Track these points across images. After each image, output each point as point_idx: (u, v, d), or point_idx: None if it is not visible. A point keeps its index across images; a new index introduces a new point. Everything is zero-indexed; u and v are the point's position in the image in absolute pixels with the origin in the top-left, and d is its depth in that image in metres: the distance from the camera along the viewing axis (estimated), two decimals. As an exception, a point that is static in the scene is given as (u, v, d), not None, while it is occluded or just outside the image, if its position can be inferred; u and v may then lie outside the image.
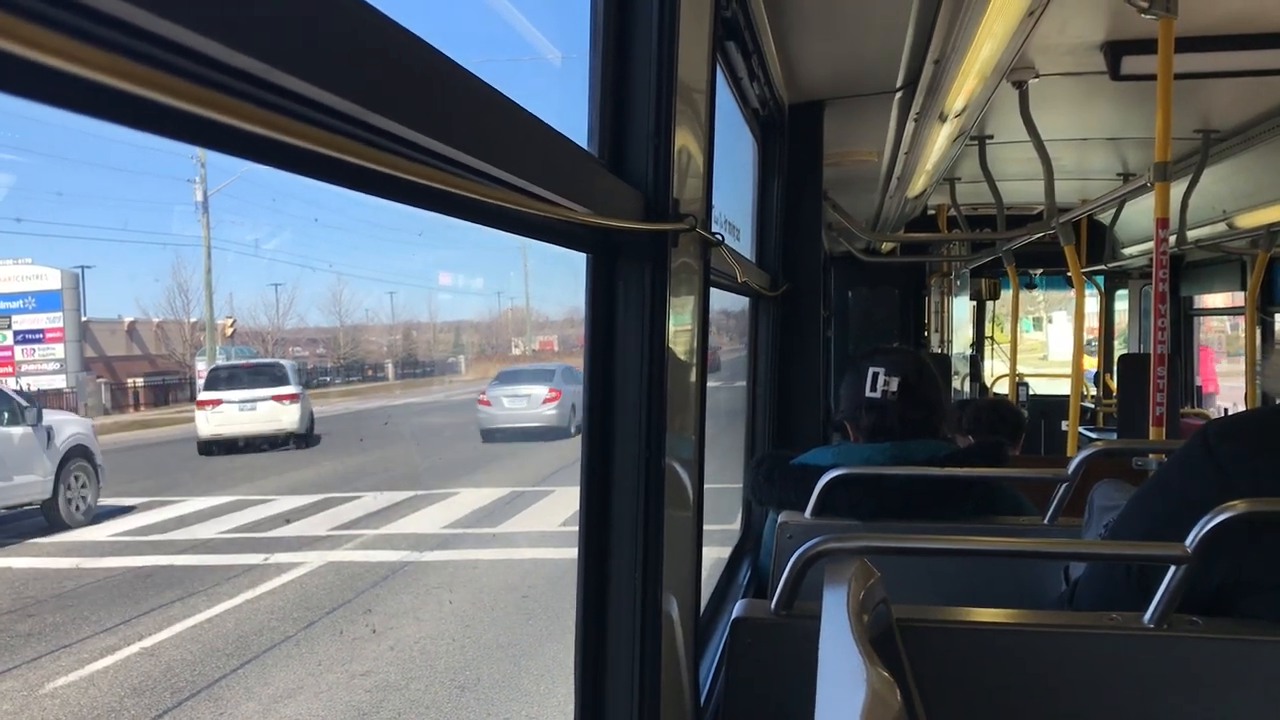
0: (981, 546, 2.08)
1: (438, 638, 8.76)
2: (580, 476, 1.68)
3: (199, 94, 0.58)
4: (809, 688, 1.17)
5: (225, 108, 0.60)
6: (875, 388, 2.80)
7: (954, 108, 3.83)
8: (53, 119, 17.48)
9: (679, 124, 1.69)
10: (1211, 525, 1.53)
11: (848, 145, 4.65)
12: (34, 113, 15.38)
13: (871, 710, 1.06)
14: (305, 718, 7.06)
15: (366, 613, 9.45)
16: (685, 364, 1.92)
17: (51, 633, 9.03)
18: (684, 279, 1.86)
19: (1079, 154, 5.76)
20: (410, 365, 44.40)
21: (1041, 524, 2.61)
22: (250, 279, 50.17)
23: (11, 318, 29.04)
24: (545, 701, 7.25)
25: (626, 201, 1.57)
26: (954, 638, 1.74)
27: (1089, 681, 1.68)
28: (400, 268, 54.46)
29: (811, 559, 1.71)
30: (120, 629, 9.07)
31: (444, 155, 0.92)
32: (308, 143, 0.69)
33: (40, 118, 16.20)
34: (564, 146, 1.29)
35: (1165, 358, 3.30)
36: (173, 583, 10.65)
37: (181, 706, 7.31)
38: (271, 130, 0.65)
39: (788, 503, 2.71)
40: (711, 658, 2.56)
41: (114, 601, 9.95)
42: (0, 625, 9.29)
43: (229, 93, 0.61)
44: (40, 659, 8.34)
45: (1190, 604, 1.64)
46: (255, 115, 0.63)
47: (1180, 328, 8.86)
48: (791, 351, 4.25)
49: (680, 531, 1.89)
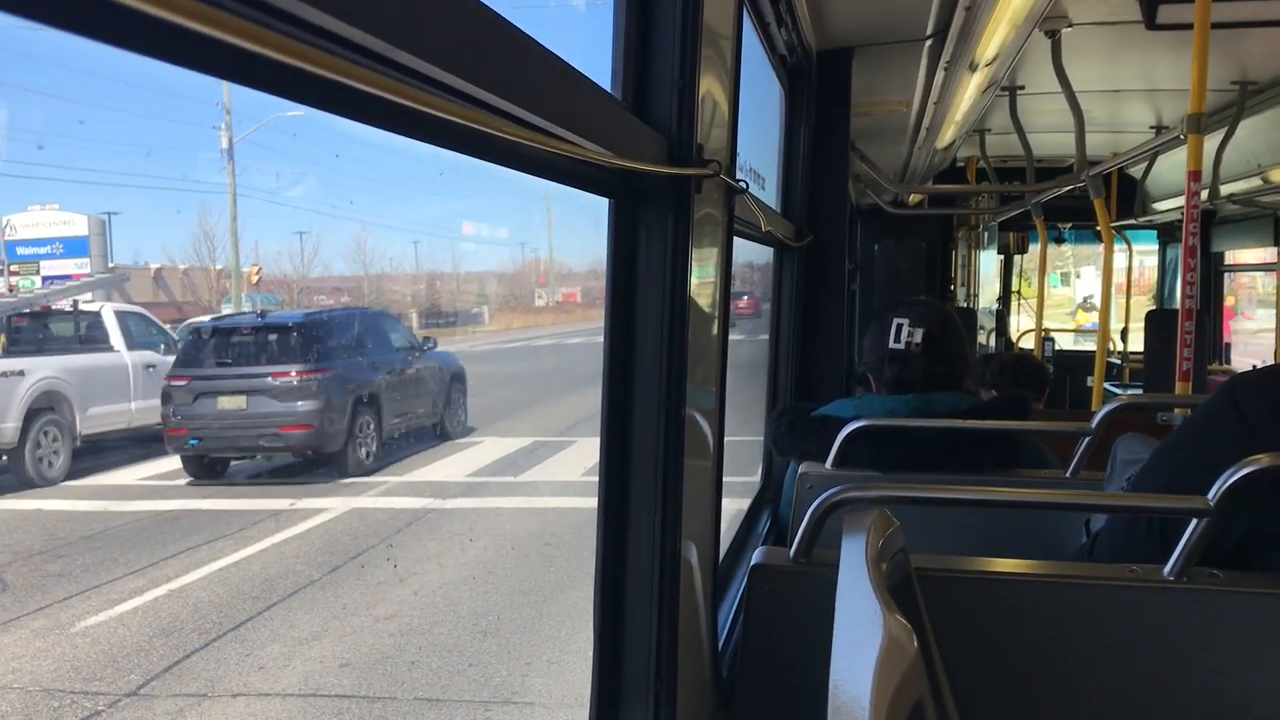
0: (1001, 497, 2.08)
1: (460, 583, 8.84)
2: (600, 424, 1.68)
3: (230, 23, 0.57)
4: (825, 634, 1.18)
5: (255, 37, 0.59)
6: (899, 339, 2.79)
7: (985, 57, 3.77)
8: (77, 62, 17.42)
9: (704, 69, 1.67)
10: (1235, 478, 1.52)
11: (876, 94, 4.59)
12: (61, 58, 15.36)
13: (888, 655, 1.06)
14: (329, 660, 7.15)
15: (388, 560, 9.56)
16: (707, 313, 1.92)
17: (81, 573, 9.15)
18: (707, 226, 1.85)
19: (1111, 106, 5.66)
20: (434, 315, 44.48)
21: (1063, 477, 2.60)
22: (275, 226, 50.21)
23: (40, 263, 29.25)
24: (566, 646, 7.31)
25: (649, 145, 1.55)
26: (972, 587, 1.74)
27: (1107, 633, 1.68)
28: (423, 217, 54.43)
29: (831, 507, 1.71)
30: (149, 570, 9.20)
31: (467, 93, 0.91)
32: (335, 74, 0.68)
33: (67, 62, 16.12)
34: (586, 87, 1.28)
35: (1193, 313, 3.27)
36: (199, 527, 10.78)
37: (209, 647, 7.42)
38: (300, 61, 0.64)
39: (809, 454, 2.72)
40: (730, 604, 2.57)
41: (142, 544, 10.09)
42: (32, 565, 9.45)
43: (258, 24, 0.61)
44: (70, 599, 8.47)
45: (1211, 558, 1.64)
46: (286, 46, 0.62)
47: (1210, 283, 8.76)
48: (815, 304, 4.23)
49: (700, 480, 1.89)
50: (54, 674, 6.97)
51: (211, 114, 17.49)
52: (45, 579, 9.02)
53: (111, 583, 8.86)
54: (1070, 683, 1.69)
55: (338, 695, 6.60)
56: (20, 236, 28.90)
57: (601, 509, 1.68)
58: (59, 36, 0.56)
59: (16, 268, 28.35)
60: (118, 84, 20.58)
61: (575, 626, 7.61)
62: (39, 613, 8.16)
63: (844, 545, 1.41)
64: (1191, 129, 3.20)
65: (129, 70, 26.93)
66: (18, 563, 9.55)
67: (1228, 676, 1.62)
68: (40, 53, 12.76)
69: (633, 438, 1.68)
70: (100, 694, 6.65)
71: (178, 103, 35.04)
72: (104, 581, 8.90)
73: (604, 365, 1.68)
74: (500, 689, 6.69)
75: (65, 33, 0.55)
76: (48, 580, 8.98)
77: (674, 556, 1.69)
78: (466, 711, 6.43)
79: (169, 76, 25.97)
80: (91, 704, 6.51)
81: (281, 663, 7.10)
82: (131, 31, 0.57)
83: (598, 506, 1.69)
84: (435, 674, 6.91)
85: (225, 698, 6.57)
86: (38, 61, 15.06)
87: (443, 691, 6.65)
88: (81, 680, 6.85)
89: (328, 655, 7.23)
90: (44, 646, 7.47)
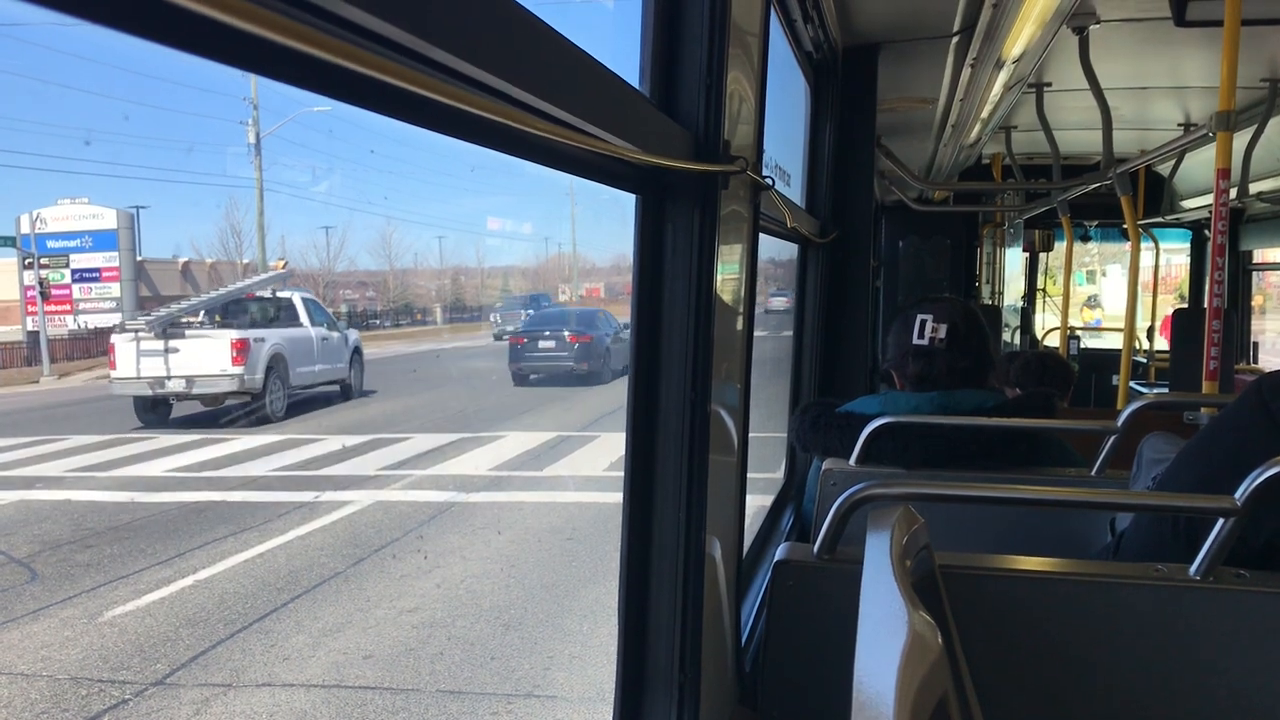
0: (1026, 495, 2.08)
1: (483, 576, 8.89)
2: (626, 418, 1.69)
3: (268, 18, 0.58)
4: (849, 629, 1.18)
5: (293, 33, 0.60)
6: (923, 335, 2.79)
7: (1012, 54, 3.74)
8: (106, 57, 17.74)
9: (731, 65, 1.68)
10: (1263, 478, 1.51)
11: (902, 91, 4.57)
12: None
13: (912, 651, 1.07)
14: (354, 651, 7.20)
15: (415, 551, 9.61)
16: (732, 309, 1.92)
17: (109, 564, 9.25)
18: (733, 222, 1.85)
19: (1139, 103, 5.62)
20: (458, 309, 44.69)
21: (1088, 476, 2.59)
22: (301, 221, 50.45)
23: (69, 256, 29.54)
24: (588, 641, 7.33)
25: (676, 141, 1.56)
26: (997, 585, 1.74)
27: (1132, 632, 1.67)
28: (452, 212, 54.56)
29: (856, 504, 1.71)
30: (175, 561, 9.30)
31: (499, 90, 0.92)
32: (372, 70, 0.69)
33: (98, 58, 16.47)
34: (615, 84, 1.28)
35: (1221, 311, 3.25)
36: (225, 518, 10.88)
37: (234, 638, 7.47)
38: (338, 57, 0.65)
39: (832, 450, 2.71)
40: (754, 599, 2.58)
41: (169, 535, 10.19)
42: (61, 555, 9.55)
43: (295, 20, 0.62)
44: (99, 588, 8.56)
45: (1237, 558, 1.63)
46: (325, 43, 0.63)
47: (1239, 282, 8.69)
48: (839, 300, 4.22)
49: (724, 475, 1.90)
50: (82, 663, 7.04)
51: (238, 109, 18.05)
52: (74, 569, 9.11)
53: (139, 573, 8.95)
54: (1094, 681, 1.69)
55: (362, 687, 6.64)
56: (50, 230, 29.18)
57: (627, 502, 1.69)
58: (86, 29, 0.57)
59: (46, 260, 28.64)
60: (140, 77, 21.21)
61: (597, 622, 7.64)
62: (67, 602, 8.25)
63: (868, 542, 1.42)
64: (1221, 126, 3.17)
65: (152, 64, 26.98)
66: (47, 552, 9.66)
67: (1254, 677, 1.61)
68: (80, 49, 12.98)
69: (658, 432, 1.69)
70: (128, 683, 6.71)
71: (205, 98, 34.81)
72: (131, 572, 8.99)
73: (630, 359, 1.69)
74: (522, 682, 6.71)
75: (107, 29, 0.56)
76: (76, 570, 9.07)
77: (698, 550, 1.70)
78: (489, 704, 6.45)
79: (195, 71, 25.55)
80: (119, 693, 6.57)
81: (306, 654, 7.15)
82: (163, 25, 0.58)
83: (623, 499, 1.69)
84: (458, 666, 6.94)
85: (250, 688, 6.62)
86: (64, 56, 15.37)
87: (465, 684, 6.68)
88: (109, 669, 6.92)
89: (351, 647, 7.27)
90: (72, 636, 7.54)
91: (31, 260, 26.53)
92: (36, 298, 26.14)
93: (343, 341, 21.19)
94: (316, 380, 19.83)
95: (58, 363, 25.25)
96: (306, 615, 7.95)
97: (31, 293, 26.45)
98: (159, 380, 17.13)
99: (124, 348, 17.27)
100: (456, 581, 8.75)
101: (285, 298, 20.88)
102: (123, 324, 18.68)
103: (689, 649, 1.71)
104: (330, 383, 20.48)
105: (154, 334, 17.31)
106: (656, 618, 1.71)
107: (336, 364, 20.67)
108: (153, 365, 17.06)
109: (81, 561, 9.33)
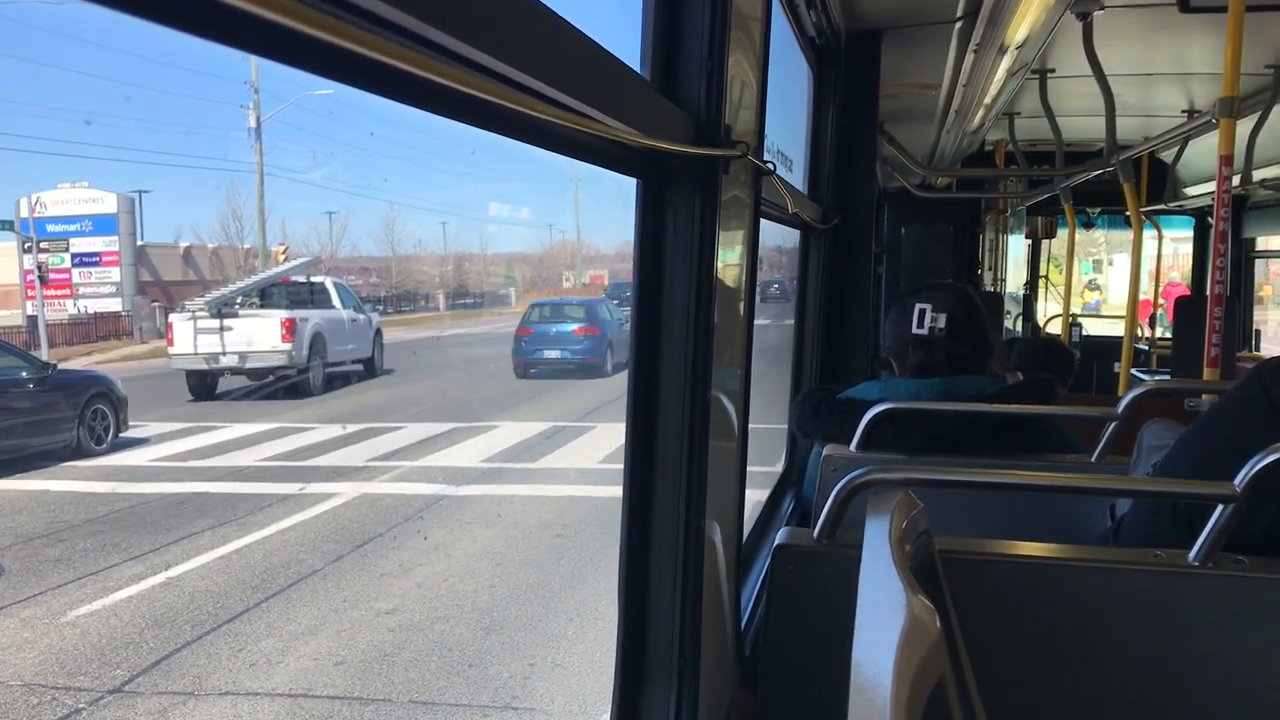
0: (1026, 481, 2.08)
1: (467, 576, 8.63)
2: (627, 403, 1.69)
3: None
4: (848, 613, 1.19)
5: (290, 12, 0.60)
6: (922, 324, 2.78)
7: (1015, 39, 3.73)
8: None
9: (733, 49, 1.67)
10: (1263, 464, 1.51)
11: (905, 76, 4.56)
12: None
13: (910, 635, 1.07)
14: (324, 657, 6.89)
15: (396, 548, 9.36)
16: (733, 294, 1.92)
17: (80, 559, 8.95)
18: (734, 207, 1.85)
19: (1143, 89, 5.60)
20: (460, 296, 44.66)
21: (1089, 462, 2.59)
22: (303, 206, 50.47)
23: (69, 240, 29.49)
24: (572, 647, 7.07)
25: (677, 125, 1.55)
26: (996, 570, 1.74)
27: (1131, 618, 1.67)
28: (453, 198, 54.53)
29: (856, 489, 1.71)
30: (149, 557, 9.00)
31: (498, 71, 0.92)
32: (370, 51, 0.69)
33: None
34: (615, 67, 1.28)
35: (1223, 299, 3.24)
36: (205, 511, 10.61)
37: (200, 641, 7.17)
38: (337, 37, 0.65)
39: (833, 436, 2.72)
40: (753, 584, 2.59)
41: (146, 528, 9.92)
42: (31, 550, 9.24)
43: None
44: (66, 585, 8.25)
45: (1236, 545, 1.63)
46: (316, 21, 0.63)
47: (1241, 269, 8.67)
48: (841, 287, 4.22)
49: (724, 461, 1.90)
50: (37, 668, 6.72)
51: (239, 93, 18.10)
52: (43, 564, 8.81)
53: (109, 569, 8.66)
54: (1093, 666, 1.69)
55: (329, 696, 6.35)
56: (50, 214, 29.10)
57: (627, 486, 1.69)
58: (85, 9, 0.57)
59: (46, 244, 28.57)
60: (141, 60, 21.33)
61: (583, 625, 7.39)
62: (32, 600, 7.96)
63: (868, 526, 1.42)
64: (1224, 113, 3.16)
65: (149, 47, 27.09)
66: (17, 546, 9.34)
67: (1251, 662, 1.61)
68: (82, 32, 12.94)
69: (659, 416, 1.69)
70: (83, 690, 6.40)
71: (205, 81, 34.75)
72: (102, 568, 8.70)
73: (631, 345, 1.69)
74: (500, 693, 6.44)
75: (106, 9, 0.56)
76: (45, 566, 8.77)
77: (698, 535, 1.70)
78: (463, 716, 6.21)
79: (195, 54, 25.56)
80: (73, 701, 6.27)
81: (274, 659, 6.86)
82: (156, 3, 0.57)
83: (623, 484, 1.70)
84: (433, 674, 6.68)
85: (212, 696, 6.34)
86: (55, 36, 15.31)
87: (440, 694, 6.40)
88: (65, 675, 6.60)
89: (323, 652, 6.99)
90: (31, 637, 7.24)
91: (31, 244, 26.49)
92: (35, 282, 26.10)
93: (368, 323, 22.86)
94: (347, 358, 21.67)
95: (56, 347, 25.24)
96: (279, 616, 7.66)
97: (31, 277, 26.40)
98: (214, 356, 18.91)
99: (181, 326, 19.09)
100: (438, 580, 8.50)
101: (319, 282, 22.87)
102: (182, 304, 20.37)
103: (689, 633, 1.71)
104: (357, 360, 22.19)
105: (210, 314, 19.12)
106: (657, 602, 1.71)
107: (363, 343, 22.37)
108: (209, 342, 18.86)
109: (51, 556, 9.02)
